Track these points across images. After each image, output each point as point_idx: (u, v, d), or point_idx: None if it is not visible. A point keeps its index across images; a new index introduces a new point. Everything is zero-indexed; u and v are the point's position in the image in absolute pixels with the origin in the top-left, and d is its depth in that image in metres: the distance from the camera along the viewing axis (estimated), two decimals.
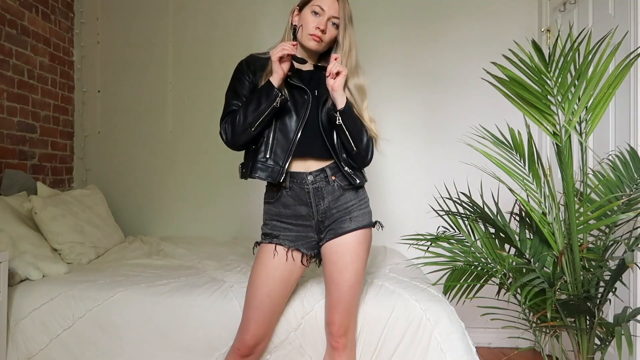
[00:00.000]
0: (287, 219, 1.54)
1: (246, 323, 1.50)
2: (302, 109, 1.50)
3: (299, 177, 1.50)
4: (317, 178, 1.51)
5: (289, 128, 1.49)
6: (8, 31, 2.60)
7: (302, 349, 1.57)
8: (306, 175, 1.50)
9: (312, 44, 1.48)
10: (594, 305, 1.46)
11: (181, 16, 3.17)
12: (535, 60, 1.32)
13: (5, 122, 2.59)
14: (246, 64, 1.58)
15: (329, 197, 1.52)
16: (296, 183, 1.51)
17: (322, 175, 1.51)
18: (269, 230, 1.56)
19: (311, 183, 1.50)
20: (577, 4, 2.50)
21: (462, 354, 1.54)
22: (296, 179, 1.51)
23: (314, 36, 1.46)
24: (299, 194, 1.51)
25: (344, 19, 1.46)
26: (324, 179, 1.51)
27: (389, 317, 1.60)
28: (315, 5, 1.46)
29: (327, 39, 1.48)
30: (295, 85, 1.50)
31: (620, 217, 1.41)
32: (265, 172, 1.49)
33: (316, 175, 1.51)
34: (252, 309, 1.50)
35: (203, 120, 3.13)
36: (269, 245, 1.53)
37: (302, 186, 1.50)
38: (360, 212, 1.54)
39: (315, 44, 1.48)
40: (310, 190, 1.50)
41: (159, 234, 3.11)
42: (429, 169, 2.99)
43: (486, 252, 1.69)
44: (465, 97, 2.97)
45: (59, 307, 1.68)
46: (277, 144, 1.49)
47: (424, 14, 3.03)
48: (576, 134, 1.40)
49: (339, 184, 1.53)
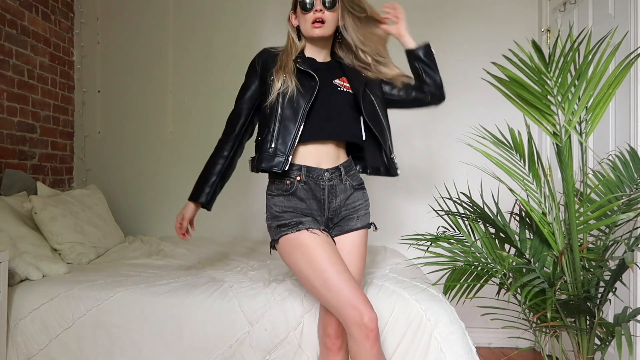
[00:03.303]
0: (301, 212, 1.48)
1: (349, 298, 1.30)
2: (307, 96, 1.47)
3: (315, 172, 1.50)
4: (333, 175, 1.51)
5: (292, 116, 1.47)
6: (8, 31, 2.60)
7: (301, 349, 1.57)
8: (323, 172, 1.50)
9: (317, 31, 1.50)
10: (594, 305, 1.46)
11: (181, 16, 3.17)
12: (535, 60, 1.32)
13: (5, 122, 2.59)
14: (258, 57, 1.61)
15: (341, 195, 1.52)
16: (312, 178, 1.50)
17: (337, 173, 1.52)
18: (286, 221, 1.46)
19: (327, 180, 1.50)
20: (577, 4, 2.50)
21: (462, 354, 1.54)
22: (312, 174, 1.50)
23: (315, 24, 1.49)
24: (314, 189, 1.50)
25: None
26: (338, 177, 1.52)
27: (389, 317, 1.60)
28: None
29: (330, 19, 1.50)
30: (304, 71, 1.49)
31: (620, 217, 1.41)
32: (270, 162, 1.46)
33: (332, 172, 1.51)
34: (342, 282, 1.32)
35: (203, 120, 3.13)
36: (297, 232, 1.42)
37: (318, 182, 1.50)
38: (365, 212, 1.57)
39: (319, 30, 1.50)
40: (326, 187, 1.50)
41: (159, 234, 3.11)
42: (429, 169, 2.99)
43: (486, 252, 1.69)
44: (466, 97, 2.97)
45: (59, 307, 1.68)
46: (280, 133, 1.47)
47: (424, 14, 3.03)
48: (576, 134, 1.40)
49: (351, 183, 1.54)
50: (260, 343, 1.57)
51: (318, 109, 1.49)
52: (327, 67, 1.57)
